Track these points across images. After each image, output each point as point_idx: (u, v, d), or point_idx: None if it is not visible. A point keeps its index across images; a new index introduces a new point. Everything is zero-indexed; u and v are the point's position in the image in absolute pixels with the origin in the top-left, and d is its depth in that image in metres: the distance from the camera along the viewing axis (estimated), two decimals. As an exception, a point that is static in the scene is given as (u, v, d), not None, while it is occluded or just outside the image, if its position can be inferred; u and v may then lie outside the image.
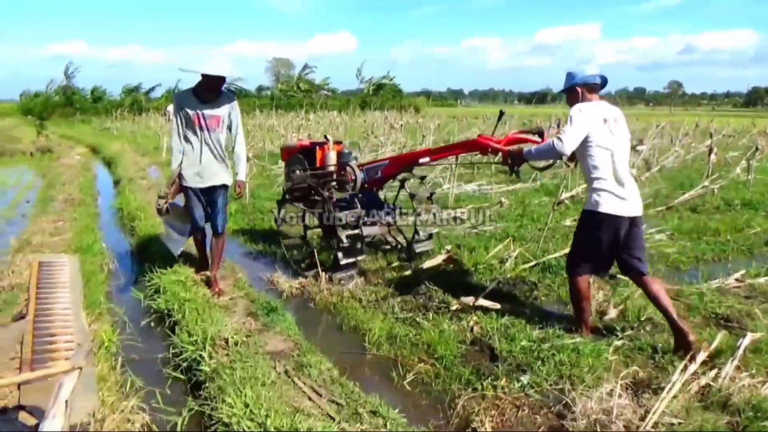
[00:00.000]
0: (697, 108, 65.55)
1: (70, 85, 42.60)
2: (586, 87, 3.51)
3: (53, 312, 3.60)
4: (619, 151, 3.40)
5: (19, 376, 2.14)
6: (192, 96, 4.17)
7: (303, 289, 4.67)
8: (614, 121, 3.43)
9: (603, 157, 3.36)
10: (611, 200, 3.35)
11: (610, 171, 3.36)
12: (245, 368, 3.05)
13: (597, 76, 3.51)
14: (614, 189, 3.35)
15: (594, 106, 3.43)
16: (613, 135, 3.39)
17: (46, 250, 5.34)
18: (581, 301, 3.61)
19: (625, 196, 3.37)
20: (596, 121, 3.35)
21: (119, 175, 11.32)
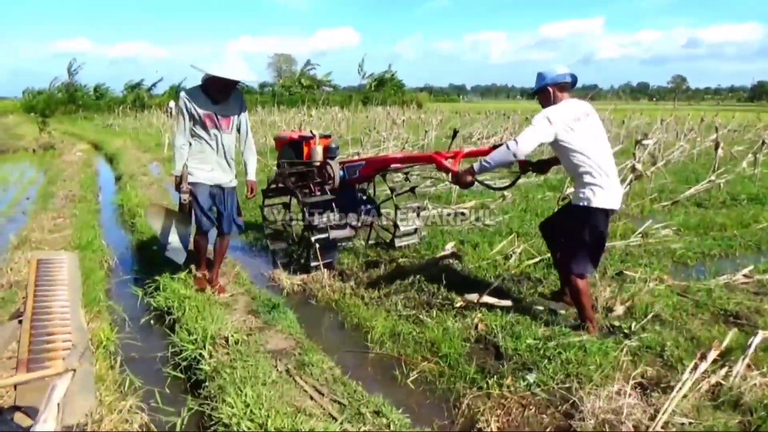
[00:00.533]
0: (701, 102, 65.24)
1: (73, 83, 42.61)
2: (557, 86, 3.50)
3: (51, 310, 3.53)
4: (597, 144, 3.41)
5: (12, 379, 2.08)
6: (202, 94, 3.99)
7: (305, 286, 4.61)
8: (586, 116, 3.43)
9: (584, 155, 3.36)
10: (601, 193, 3.35)
11: (594, 165, 3.35)
12: (246, 367, 2.99)
13: (567, 75, 3.51)
14: (602, 182, 3.35)
15: (564, 108, 3.42)
16: (589, 131, 3.40)
17: (46, 247, 5.30)
18: (583, 299, 3.56)
19: (613, 188, 3.40)
20: (567, 124, 3.34)
21: (121, 171, 11.28)
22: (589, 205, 3.37)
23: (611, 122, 18.39)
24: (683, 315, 3.87)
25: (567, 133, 3.34)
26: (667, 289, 4.31)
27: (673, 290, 4.31)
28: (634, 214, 7.09)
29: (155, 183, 9.70)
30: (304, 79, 48.69)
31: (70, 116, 36.07)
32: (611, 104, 29.33)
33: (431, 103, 47.59)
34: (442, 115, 24.72)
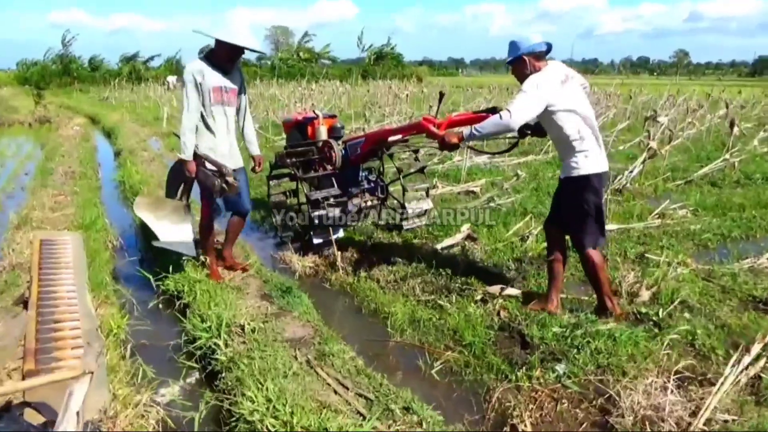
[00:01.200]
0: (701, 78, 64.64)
1: (68, 54, 41.79)
2: (533, 55, 3.35)
3: (57, 295, 3.39)
4: (583, 108, 3.30)
5: (24, 383, 1.94)
6: (208, 66, 3.73)
7: (317, 268, 4.47)
8: (570, 79, 3.33)
9: (574, 119, 3.26)
10: (593, 158, 3.29)
11: (584, 129, 3.27)
12: (264, 357, 2.86)
13: (542, 43, 3.36)
14: (591, 146, 3.29)
15: (548, 73, 3.29)
16: (574, 94, 3.30)
17: (48, 227, 5.14)
18: (601, 274, 3.45)
19: (601, 151, 3.36)
20: (555, 88, 3.23)
21: (119, 147, 11.05)
22: (584, 174, 3.28)
23: (618, 97, 18.10)
24: (711, 301, 3.75)
25: (556, 98, 3.21)
26: (691, 273, 4.18)
27: (698, 275, 4.18)
28: (648, 194, 6.93)
29: (156, 159, 9.49)
30: (302, 52, 47.91)
31: (65, 89, 35.46)
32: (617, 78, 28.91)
33: (431, 77, 46.94)
34: (444, 89, 24.33)
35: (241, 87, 3.99)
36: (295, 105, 15.44)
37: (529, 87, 3.19)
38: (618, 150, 10.14)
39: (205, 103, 3.73)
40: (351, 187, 4.97)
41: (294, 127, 5.39)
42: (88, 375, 1.72)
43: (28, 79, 36.95)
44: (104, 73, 41.03)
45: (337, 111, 15.72)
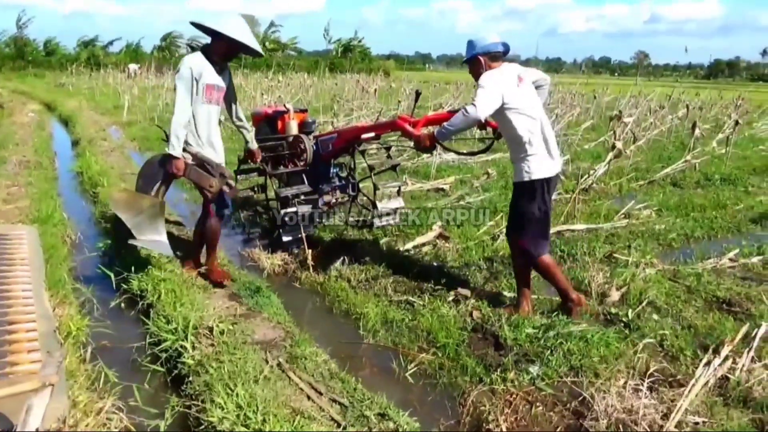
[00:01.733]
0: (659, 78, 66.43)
1: (22, 36, 40.06)
2: (488, 56, 3.37)
3: (12, 294, 3.21)
4: (536, 112, 3.32)
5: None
6: (205, 61, 3.54)
7: (286, 266, 4.38)
8: (524, 81, 3.35)
9: (525, 121, 3.27)
10: (544, 164, 3.30)
11: (535, 134, 3.28)
12: (234, 361, 2.76)
13: (499, 44, 3.39)
14: (542, 151, 3.30)
15: (503, 71, 3.31)
16: (528, 97, 3.32)
17: (1, 220, 4.87)
18: (556, 273, 3.49)
19: (552, 155, 3.35)
20: (510, 85, 3.24)
21: (77, 135, 10.64)
22: (532, 179, 3.29)
23: (582, 97, 18.42)
24: (677, 302, 3.82)
25: (510, 96, 3.22)
26: (658, 273, 4.25)
27: (664, 275, 4.26)
28: (614, 194, 7.06)
29: (116, 149, 9.18)
30: (268, 42, 47.15)
31: (19, 72, 33.99)
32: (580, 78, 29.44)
33: (399, 72, 46.88)
34: (412, 84, 24.32)
35: (230, 85, 3.85)
36: (262, 96, 15.17)
37: (487, 81, 3.21)
38: (583, 149, 10.30)
39: (195, 99, 3.54)
40: (321, 183, 4.90)
41: (263, 120, 5.28)
42: (48, 388, 1.61)
43: (-22, 62, 35.32)
44: (60, 57, 39.49)
45: (305, 104, 15.52)
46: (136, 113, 14.00)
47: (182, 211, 5.97)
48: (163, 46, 45.04)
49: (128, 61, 36.18)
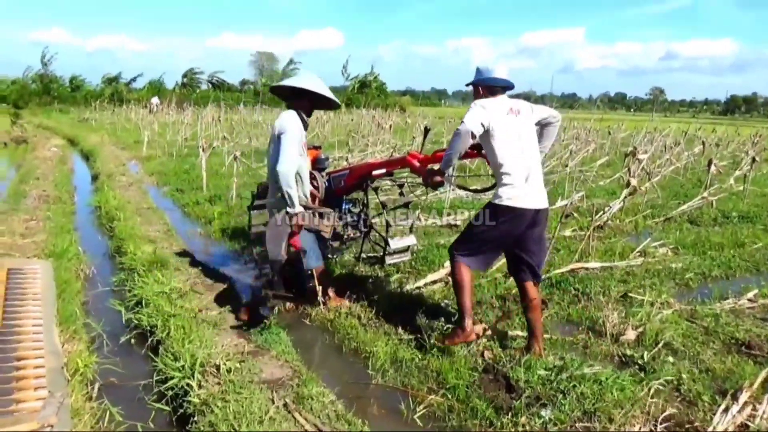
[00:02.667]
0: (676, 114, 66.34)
1: (48, 73, 41.42)
2: (486, 87, 3.44)
3: (22, 330, 3.24)
4: (521, 144, 3.31)
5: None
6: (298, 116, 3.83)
7: (297, 303, 4.34)
8: (517, 113, 3.36)
9: (507, 151, 3.27)
10: (518, 194, 3.26)
11: (514, 164, 3.27)
12: (239, 401, 2.73)
13: (500, 80, 3.43)
14: (517, 182, 3.26)
15: (495, 100, 3.37)
16: (516, 128, 3.32)
17: (17, 254, 4.94)
18: (462, 289, 3.40)
19: (528, 190, 3.28)
20: (497, 112, 3.28)
21: (98, 170, 10.86)
22: (501, 203, 3.27)
23: (596, 133, 18.43)
24: (695, 344, 3.72)
25: (495, 123, 3.25)
26: (674, 314, 4.16)
27: (681, 315, 4.17)
28: (629, 231, 6.97)
29: (134, 183, 9.33)
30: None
31: (45, 108, 35.03)
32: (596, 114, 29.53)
33: (414, 107, 47.44)
34: (427, 119, 24.57)
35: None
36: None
37: (476, 105, 3.31)
38: (598, 185, 10.25)
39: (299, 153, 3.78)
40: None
41: None
42: (47, 429, 1.59)
43: (6, 98, 36.50)
44: (85, 93, 40.75)
45: (321, 139, 15.73)
46: (156, 148, 14.29)
47: (196, 246, 6.00)
48: (185, 82, 46.19)
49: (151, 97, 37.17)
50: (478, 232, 3.39)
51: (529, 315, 3.46)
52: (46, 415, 1.66)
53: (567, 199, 8.08)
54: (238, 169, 8.93)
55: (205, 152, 9.13)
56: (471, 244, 3.43)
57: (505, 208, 3.26)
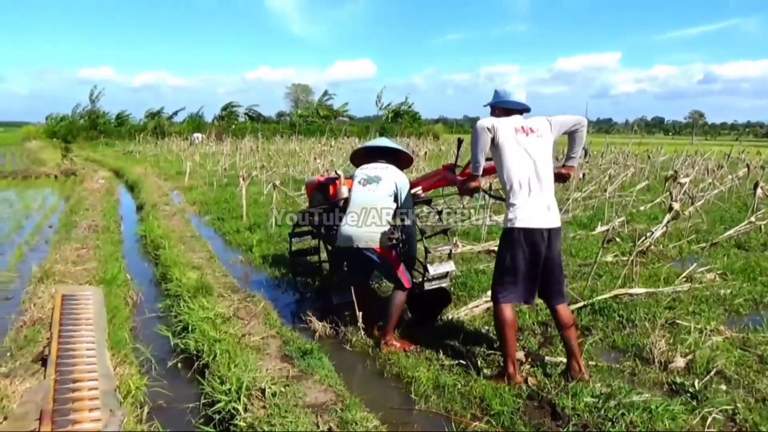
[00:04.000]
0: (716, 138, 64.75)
1: (95, 109, 43.34)
2: (502, 109, 3.54)
3: (77, 353, 3.36)
4: (531, 161, 3.32)
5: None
6: None
7: (337, 329, 4.38)
8: (529, 132, 3.38)
9: (514, 168, 3.30)
10: (525, 214, 3.26)
11: (522, 182, 3.28)
12: (285, 425, 2.76)
13: (516, 103, 3.53)
14: (528, 201, 3.27)
15: (507, 118, 3.45)
16: (527, 145, 3.34)
17: (69, 281, 5.14)
18: (505, 330, 3.36)
19: (540, 208, 3.29)
20: (506, 130, 3.34)
21: (142, 200, 11.22)
22: (513, 227, 3.29)
23: (635, 157, 18.14)
24: (749, 372, 3.60)
25: (504, 138, 3.31)
26: (725, 341, 4.03)
27: (733, 343, 4.03)
28: (673, 256, 6.80)
29: (177, 213, 9.60)
30: (321, 109, 49.14)
31: (92, 142, 36.56)
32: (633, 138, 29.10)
33: (447, 135, 47.59)
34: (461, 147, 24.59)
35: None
36: (315, 161, 15.68)
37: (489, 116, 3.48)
38: (639, 210, 10.06)
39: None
40: None
41: (316, 188, 5.43)
42: (110, 446, 1.66)
43: (56, 133, 38.25)
44: (130, 128, 42.36)
45: (356, 167, 15.91)
46: (197, 178, 14.70)
47: (238, 273, 6.13)
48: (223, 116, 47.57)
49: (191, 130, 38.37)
50: (506, 263, 3.37)
51: (564, 334, 3.44)
52: None
53: (607, 224, 7.96)
54: (277, 198, 9.12)
55: (244, 181, 9.36)
56: (506, 278, 3.40)
57: (517, 231, 3.27)
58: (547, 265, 3.35)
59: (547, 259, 3.33)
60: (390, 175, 4.19)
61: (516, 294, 3.40)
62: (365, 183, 4.19)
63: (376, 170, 4.24)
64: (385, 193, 4.12)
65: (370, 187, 4.15)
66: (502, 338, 3.42)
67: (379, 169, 4.24)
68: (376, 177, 4.19)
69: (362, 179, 4.21)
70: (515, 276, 3.36)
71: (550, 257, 3.34)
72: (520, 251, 3.30)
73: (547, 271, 3.37)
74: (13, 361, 3.46)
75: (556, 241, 3.38)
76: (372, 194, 4.12)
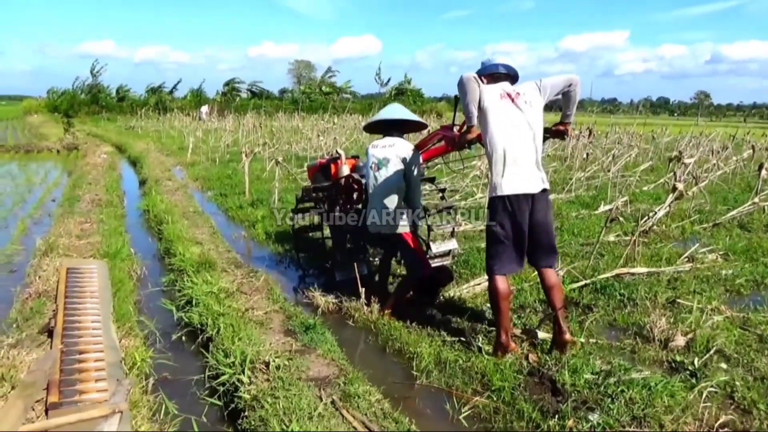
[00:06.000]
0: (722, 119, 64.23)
1: (96, 84, 43.01)
2: (489, 76, 3.53)
3: (82, 325, 3.39)
4: (516, 127, 3.32)
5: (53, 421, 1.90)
6: None
7: (340, 304, 4.41)
8: (515, 96, 3.38)
9: (498, 134, 3.31)
10: (508, 182, 3.27)
11: (507, 149, 3.29)
12: (288, 397, 2.79)
13: (500, 65, 3.57)
14: (511, 169, 3.28)
15: (492, 85, 3.44)
16: (509, 112, 3.34)
17: (74, 254, 5.17)
18: (500, 304, 3.39)
19: (522, 175, 3.29)
20: (492, 94, 3.34)
21: (145, 175, 11.22)
22: (493, 195, 3.33)
23: (639, 137, 18.03)
24: (748, 351, 3.62)
25: (489, 103, 3.31)
26: (726, 321, 4.05)
27: (733, 322, 4.05)
28: (676, 236, 6.80)
29: (180, 188, 9.60)
30: (324, 86, 48.75)
31: (93, 117, 36.39)
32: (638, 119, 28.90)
33: (450, 113, 47.19)
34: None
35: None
36: (318, 138, 15.60)
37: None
38: (642, 190, 10.03)
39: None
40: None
41: (318, 171, 5.44)
42: (118, 414, 1.68)
43: (58, 107, 38.01)
44: (131, 102, 42.10)
45: (359, 145, 15.85)
46: (199, 154, 14.66)
47: (240, 249, 6.15)
48: (225, 92, 47.21)
49: (192, 105, 38.09)
50: (494, 231, 3.40)
51: (549, 295, 3.48)
52: (117, 401, 1.75)
53: (610, 204, 7.94)
54: (280, 175, 9.10)
55: (247, 158, 9.34)
56: (497, 247, 3.42)
57: (500, 199, 3.30)
58: (536, 230, 3.37)
59: (535, 224, 3.35)
60: (397, 152, 4.20)
61: (508, 263, 3.43)
62: (377, 168, 4.22)
63: (385, 150, 4.24)
64: (396, 176, 4.16)
65: (381, 173, 4.19)
66: (495, 309, 3.45)
67: (387, 148, 4.24)
68: (384, 159, 4.21)
69: (374, 163, 4.23)
70: (504, 245, 3.38)
71: (537, 222, 3.35)
72: (506, 218, 3.32)
73: (535, 237, 3.39)
74: (20, 332, 3.50)
75: (543, 205, 3.37)
76: (384, 180, 4.18)
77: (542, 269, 3.49)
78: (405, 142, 4.30)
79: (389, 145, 4.25)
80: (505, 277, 3.45)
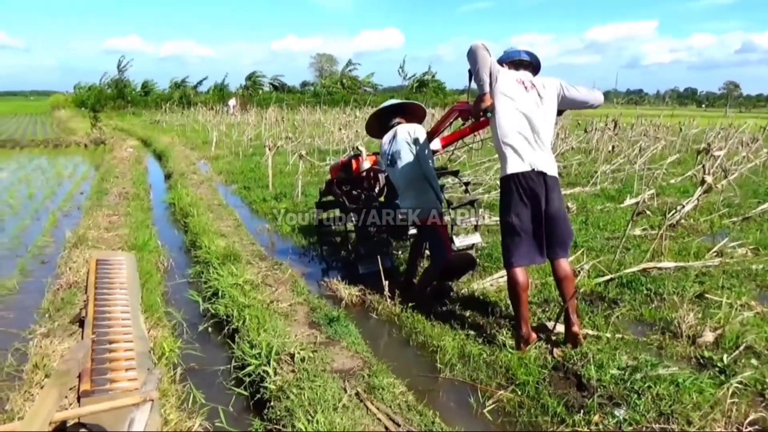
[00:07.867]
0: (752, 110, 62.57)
1: (122, 79, 43.71)
2: (512, 63, 3.54)
3: (112, 316, 3.46)
4: (525, 116, 3.29)
5: (86, 409, 1.95)
6: None
7: (364, 297, 4.43)
8: (530, 86, 3.36)
9: (510, 118, 3.28)
10: (516, 160, 3.25)
11: (518, 132, 3.27)
12: (313, 388, 2.82)
13: (522, 52, 3.55)
14: (519, 149, 3.26)
15: (511, 70, 3.46)
16: (527, 99, 3.31)
17: (103, 247, 5.27)
18: (518, 293, 3.35)
19: (533, 157, 3.27)
20: (508, 78, 3.35)
21: (170, 169, 11.37)
22: (503, 175, 3.31)
23: (666, 129, 17.68)
24: (780, 348, 3.54)
25: (503, 86, 3.31)
26: (756, 317, 3.97)
27: (764, 318, 3.97)
28: (704, 230, 6.67)
29: (205, 182, 9.71)
30: (345, 80, 48.78)
31: (119, 111, 37.02)
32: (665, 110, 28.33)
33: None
34: (486, 118, 24.24)
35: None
36: (339, 131, 15.63)
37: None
38: (669, 183, 9.85)
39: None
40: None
41: (341, 169, 5.47)
42: (149, 403, 1.72)
43: (85, 102, 38.76)
44: (156, 97, 42.70)
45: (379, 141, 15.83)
46: (223, 148, 14.82)
47: (264, 241, 6.21)
48: (247, 85, 47.55)
49: (216, 99, 38.45)
50: (508, 218, 3.36)
51: (561, 285, 3.43)
52: (148, 390, 1.79)
53: (636, 197, 7.83)
54: (303, 168, 9.15)
55: (270, 151, 9.41)
56: (514, 237, 3.37)
57: (510, 177, 3.28)
58: (551, 221, 3.33)
59: (551, 215, 3.31)
60: (403, 140, 4.29)
61: (526, 254, 3.37)
62: (392, 163, 4.26)
63: (392, 144, 4.33)
64: (411, 163, 4.19)
65: (398, 165, 4.24)
66: (515, 301, 3.42)
67: (393, 142, 4.34)
68: (396, 151, 4.26)
69: (389, 159, 4.29)
70: (519, 231, 3.33)
71: (552, 213, 3.31)
72: (518, 200, 3.28)
73: (550, 228, 3.34)
74: (52, 322, 3.60)
75: (556, 194, 3.34)
76: (403, 171, 4.21)
77: (555, 260, 3.44)
78: (404, 125, 4.42)
79: (393, 138, 4.35)
80: (523, 269, 3.42)
